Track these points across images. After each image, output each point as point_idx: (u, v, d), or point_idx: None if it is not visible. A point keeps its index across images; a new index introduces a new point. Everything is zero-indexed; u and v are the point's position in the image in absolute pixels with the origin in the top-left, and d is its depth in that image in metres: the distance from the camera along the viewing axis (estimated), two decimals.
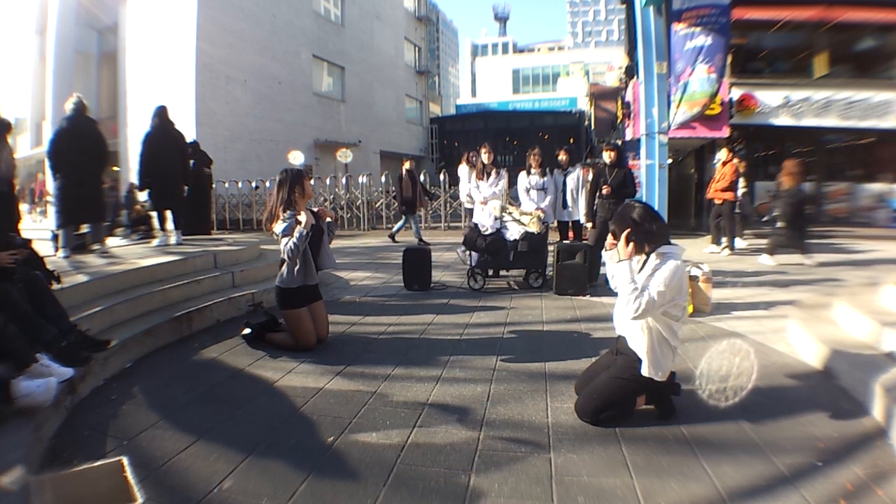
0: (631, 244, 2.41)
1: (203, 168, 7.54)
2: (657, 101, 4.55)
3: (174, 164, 6.04)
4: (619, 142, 12.46)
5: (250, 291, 4.74)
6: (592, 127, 22.17)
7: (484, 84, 53.41)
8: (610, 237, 2.54)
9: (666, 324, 2.40)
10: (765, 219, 8.71)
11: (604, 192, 5.56)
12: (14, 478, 1.74)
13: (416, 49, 31.07)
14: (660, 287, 2.28)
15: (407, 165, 9.24)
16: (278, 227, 3.53)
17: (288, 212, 3.57)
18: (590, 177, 6.36)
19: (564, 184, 6.09)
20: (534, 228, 5.31)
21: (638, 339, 2.46)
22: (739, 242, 8.39)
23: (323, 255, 3.78)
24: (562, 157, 6.13)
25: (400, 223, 10.07)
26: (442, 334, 3.98)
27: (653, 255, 2.45)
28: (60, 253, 4.99)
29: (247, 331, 3.70)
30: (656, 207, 4.63)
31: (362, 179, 13.26)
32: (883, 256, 7.48)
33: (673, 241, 2.48)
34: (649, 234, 2.42)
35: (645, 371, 2.40)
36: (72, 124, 5.10)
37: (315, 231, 3.67)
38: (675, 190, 8.63)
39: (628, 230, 2.41)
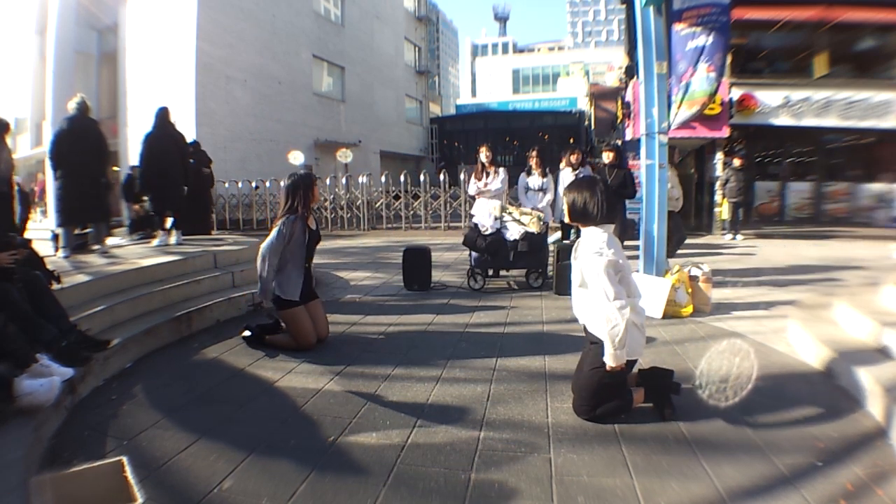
0: (567, 212, 2.53)
1: (203, 168, 7.54)
2: (657, 101, 4.52)
3: (174, 164, 6.04)
4: (620, 142, 12.47)
5: (250, 291, 4.72)
6: (592, 127, 22.18)
7: (484, 84, 53.38)
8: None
9: None
10: None
11: None
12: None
13: (416, 49, 31.06)
14: (605, 288, 2.28)
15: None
16: (264, 244, 3.52)
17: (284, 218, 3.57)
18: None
19: None
20: (534, 228, 5.31)
21: (597, 323, 2.41)
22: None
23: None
24: (574, 157, 6.45)
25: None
26: (442, 334, 3.98)
27: (582, 234, 2.51)
28: (60, 253, 5.00)
29: (247, 333, 3.70)
30: (656, 207, 4.64)
31: (362, 179, 13.24)
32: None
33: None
34: (584, 213, 2.47)
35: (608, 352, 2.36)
36: (73, 124, 5.10)
37: (312, 237, 3.71)
38: None
39: (569, 197, 2.52)
